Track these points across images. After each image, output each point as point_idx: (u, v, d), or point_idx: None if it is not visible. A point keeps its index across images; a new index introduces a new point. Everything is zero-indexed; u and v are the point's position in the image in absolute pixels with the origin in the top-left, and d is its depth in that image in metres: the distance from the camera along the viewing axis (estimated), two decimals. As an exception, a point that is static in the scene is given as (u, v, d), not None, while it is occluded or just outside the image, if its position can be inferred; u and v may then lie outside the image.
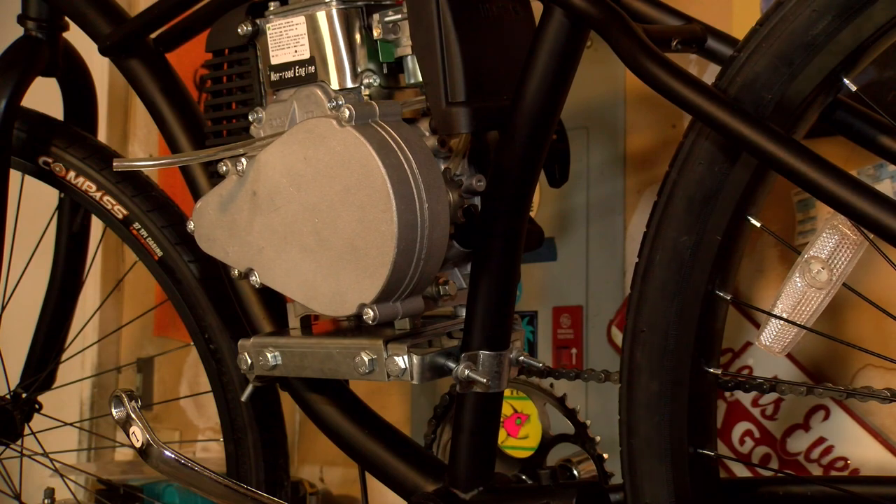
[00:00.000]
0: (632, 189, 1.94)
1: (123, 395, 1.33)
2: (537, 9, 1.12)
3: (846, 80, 1.00)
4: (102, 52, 1.50)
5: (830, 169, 0.93)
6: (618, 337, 1.91)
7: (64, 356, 1.84)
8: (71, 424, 2.13)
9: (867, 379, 1.63)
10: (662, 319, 1.06)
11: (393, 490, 1.30)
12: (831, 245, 1.03)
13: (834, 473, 1.64)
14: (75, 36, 1.59)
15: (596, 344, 1.96)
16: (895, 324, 1.07)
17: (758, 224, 1.05)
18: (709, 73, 1.73)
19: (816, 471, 1.67)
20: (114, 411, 1.33)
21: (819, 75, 0.99)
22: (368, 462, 1.32)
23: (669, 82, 0.99)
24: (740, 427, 1.75)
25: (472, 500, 1.22)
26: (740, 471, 1.71)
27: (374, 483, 1.34)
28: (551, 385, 1.33)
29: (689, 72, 1.00)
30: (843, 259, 1.03)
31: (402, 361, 1.18)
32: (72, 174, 1.61)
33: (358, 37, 1.20)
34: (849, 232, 1.03)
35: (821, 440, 1.67)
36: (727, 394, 1.76)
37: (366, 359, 1.19)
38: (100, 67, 1.67)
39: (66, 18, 1.60)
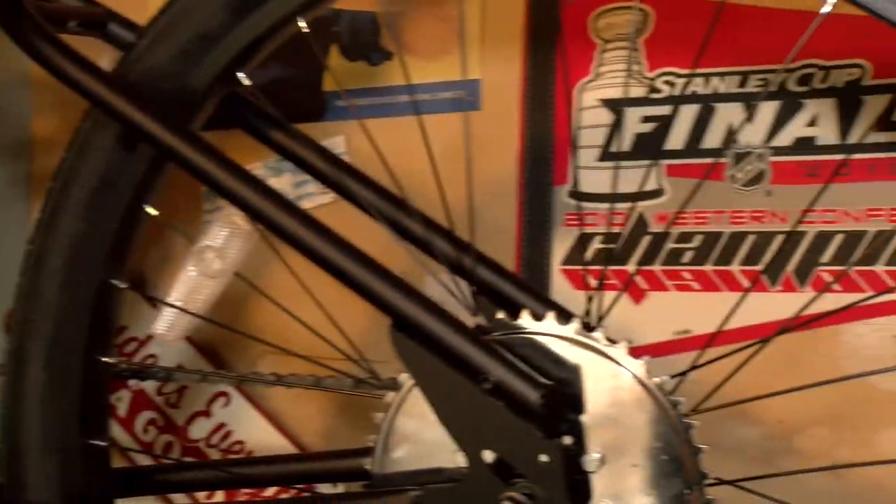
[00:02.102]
0: (40, 174, 1.87)
1: None
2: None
3: (241, 75, 1.03)
4: None
5: (223, 161, 0.95)
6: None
7: None
8: None
9: (267, 365, 1.68)
10: (53, 308, 1.04)
11: None
12: (224, 235, 1.06)
13: (231, 457, 1.68)
14: None
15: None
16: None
17: (155, 213, 1.05)
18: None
19: (217, 455, 1.70)
20: None
21: (216, 68, 1.01)
22: None
23: (63, 65, 0.97)
24: (144, 416, 1.74)
25: None
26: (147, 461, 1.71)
27: None
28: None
29: (86, 56, 0.98)
30: (234, 248, 1.06)
31: None
32: None
33: None
34: (241, 222, 1.06)
35: (221, 426, 1.70)
36: (132, 383, 1.74)
37: None
38: None
39: None
